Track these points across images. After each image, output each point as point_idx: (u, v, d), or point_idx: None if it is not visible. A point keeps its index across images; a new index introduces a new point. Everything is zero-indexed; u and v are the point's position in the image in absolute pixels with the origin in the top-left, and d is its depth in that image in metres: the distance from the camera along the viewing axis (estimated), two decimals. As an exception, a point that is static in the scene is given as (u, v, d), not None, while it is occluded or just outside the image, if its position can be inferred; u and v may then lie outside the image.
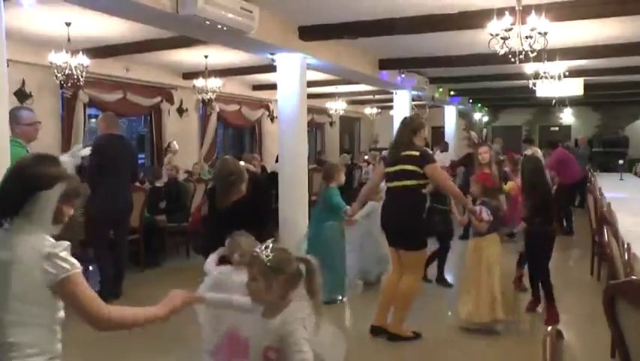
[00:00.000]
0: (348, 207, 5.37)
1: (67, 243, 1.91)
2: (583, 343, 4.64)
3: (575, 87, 11.58)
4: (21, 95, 8.40)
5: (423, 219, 4.67)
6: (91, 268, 6.14)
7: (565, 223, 9.10)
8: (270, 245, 2.23)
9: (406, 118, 4.89)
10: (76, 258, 1.92)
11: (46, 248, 1.84)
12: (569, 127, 19.66)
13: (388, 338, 4.58)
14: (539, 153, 9.56)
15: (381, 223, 4.81)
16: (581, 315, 5.23)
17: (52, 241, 1.89)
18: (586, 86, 11.77)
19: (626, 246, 3.43)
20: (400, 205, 4.52)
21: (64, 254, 1.86)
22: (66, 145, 9.13)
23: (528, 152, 9.51)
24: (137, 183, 7.01)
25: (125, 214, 5.97)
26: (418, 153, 4.47)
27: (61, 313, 1.95)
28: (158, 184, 8.04)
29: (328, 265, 5.48)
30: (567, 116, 19.82)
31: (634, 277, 2.72)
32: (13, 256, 1.83)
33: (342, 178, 5.89)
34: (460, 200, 4.91)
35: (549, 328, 1.72)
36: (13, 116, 4.32)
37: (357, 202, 5.23)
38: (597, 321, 2.65)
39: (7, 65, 3.86)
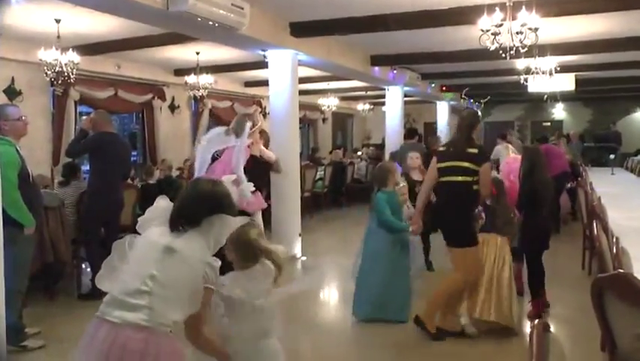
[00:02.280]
0: (411, 228, 4.80)
1: (220, 261, 2.28)
2: (573, 336, 4.67)
3: (567, 82, 11.61)
4: (11, 92, 8.35)
5: (472, 216, 4.54)
6: (84, 266, 6.13)
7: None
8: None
9: (462, 113, 4.76)
10: (67, 257, 2.01)
11: (208, 258, 2.23)
12: (560, 122, 19.73)
13: (414, 321, 4.53)
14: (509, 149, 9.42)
15: (433, 218, 4.79)
16: (571, 308, 5.25)
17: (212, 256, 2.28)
18: (577, 82, 11.81)
19: (614, 240, 3.46)
20: (450, 200, 4.46)
21: (217, 269, 2.26)
22: (57, 143, 9.10)
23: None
24: (129, 181, 6.99)
25: (116, 212, 5.95)
26: (476, 151, 4.41)
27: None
28: (150, 182, 8.02)
29: (380, 279, 4.83)
30: (559, 112, 19.91)
31: (621, 271, 2.74)
32: (183, 251, 2.18)
33: (398, 177, 5.22)
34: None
35: (536, 321, 1.74)
36: (0, 114, 4.29)
37: (417, 212, 4.77)
38: (588, 314, 2.67)
39: (-4, 63, 3.84)
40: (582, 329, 4.53)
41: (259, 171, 5.01)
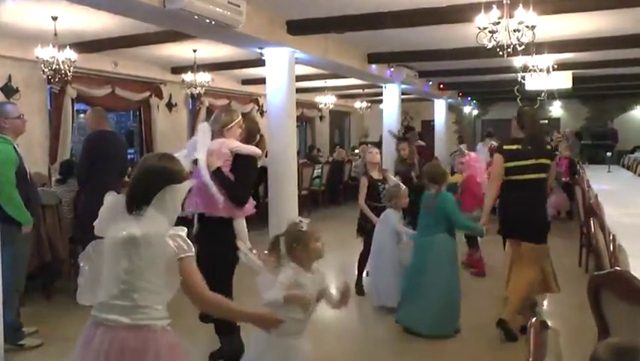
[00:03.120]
0: (483, 227, 4.63)
1: (185, 229, 2.25)
2: (570, 333, 4.68)
3: (564, 80, 11.62)
4: (7, 90, 8.33)
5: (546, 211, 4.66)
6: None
7: None
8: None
9: (527, 110, 4.74)
10: (65, 255, 1.99)
11: (171, 230, 2.20)
12: (558, 120, 19.76)
13: (497, 324, 4.41)
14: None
15: (506, 216, 4.58)
16: (569, 305, 5.26)
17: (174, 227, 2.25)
18: (574, 79, 11.82)
19: (611, 237, 3.47)
20: (535, 198, 4.45)
21: (184, 236, 2.21)
22: (54, 141, 9.08)
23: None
24: (126, 178, 6.97)
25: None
26: (550, 147, 4.61)
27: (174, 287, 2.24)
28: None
29: (439, 286, 4.57)
30: (556, 109, 19.92)
31: (617, 268, 2.75)
32: (145, 233, 2.15)
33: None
34: None
35: (533, 319, 1.75)
36: (0, 113, 4.28)
37: (486, 213, 4.65)
38: (585, 312, 2.67)
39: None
40: (580, 326, 4.54)
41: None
